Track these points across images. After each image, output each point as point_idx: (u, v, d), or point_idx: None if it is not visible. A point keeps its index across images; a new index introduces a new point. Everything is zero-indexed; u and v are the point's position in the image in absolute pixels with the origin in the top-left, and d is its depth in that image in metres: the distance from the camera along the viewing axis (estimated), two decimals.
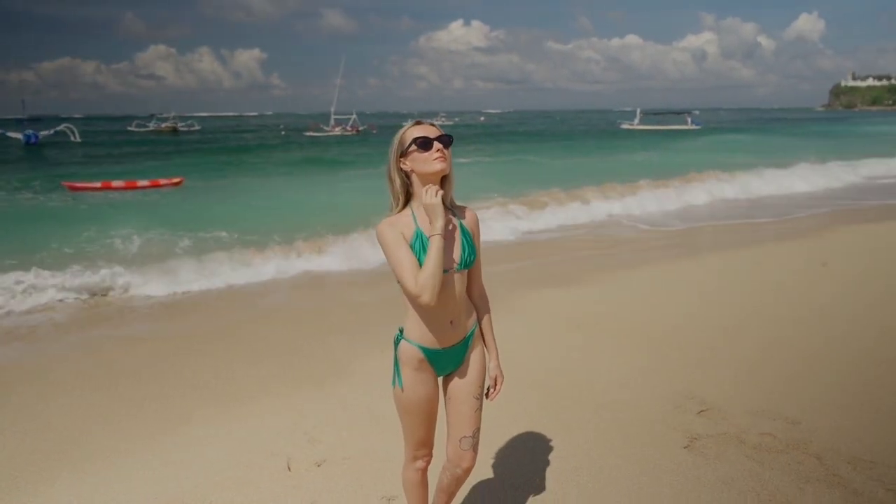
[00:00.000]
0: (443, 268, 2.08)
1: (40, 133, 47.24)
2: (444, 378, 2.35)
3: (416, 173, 2.14)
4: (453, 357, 2.28)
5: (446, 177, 2.17)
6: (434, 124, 2.19)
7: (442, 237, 2.07)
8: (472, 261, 2.23)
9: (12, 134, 46.87)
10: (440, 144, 2.11)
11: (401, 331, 2.25)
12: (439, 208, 2.08)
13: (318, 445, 3.61)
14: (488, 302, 2.41)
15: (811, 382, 4.25)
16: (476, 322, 2.34)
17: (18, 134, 46.26)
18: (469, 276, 2.30)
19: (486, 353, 2.41)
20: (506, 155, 30.10)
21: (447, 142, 2.14)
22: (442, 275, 2.07)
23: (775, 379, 4.32)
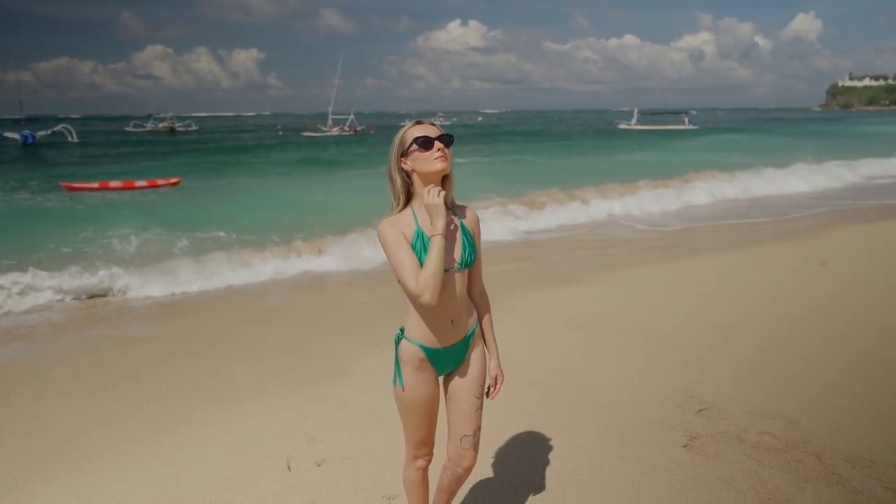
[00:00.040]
0: (444, 267, 2.09)
1: (37, 133, 47.12)
2: (445, 377, 2.36)
3: (417, 173, 2.14)
4: (454, 356, 2.28)
5: (447, 176, 2.18)
6: (434, 124, 2.20)
7: (443, 237, 2.08)
8: (473, 260, 2.24)
9: (9, 134, 46.71)
10: (441, 144, 2.12)
11: (402, 330, 2.25)
12: (441, 208, 2.08)
13: (318, 445, 3.60)
14: (489, 301, 2.41)
15: (810, 382, 4.26)
16: (476, 321, 2.35)
17: (15, 134, 46.12)
18: (470, 276, 2.30)
19: (487, 353, 2.41)
20: (503, 155, 30.11)
21: (448, 141, 2.14)
22: (443, 275, 2.08)
23: (774, 378, 4.33)
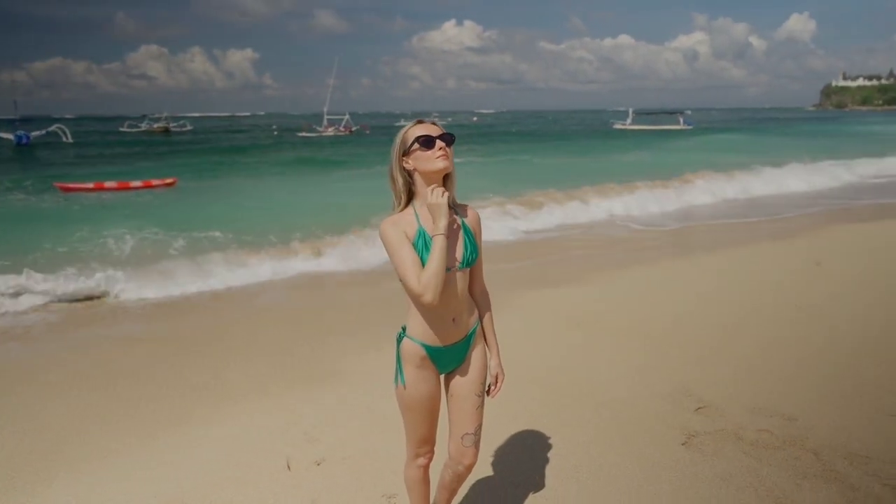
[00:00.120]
0: (445, 267, 2.09)
1: (32, 133, 46.93)
2: (446, 375, 2.36)
3: (419, 172, 2.15)
4: (455, 354, 2.29)
5: (448, 175, 2.18)
6: (436, 123, 2.20)
7: (445, 237, 2.08)
8: (475, 259, 2.24)
9: (3, 134, 46.48)
10: (443, 143, 2.12)
11: (403, 328, 2.26)
12: (444, 208, 2.09)
13: (318, 444, 3.61)
14: (489, 300, 2.42)
15: (808, 380, 4.28)
16: (478, 320, 2.35)
17: (10, 134, 45.91)
18: (471, 275, 2.31)
19: (488, 351, 2.42)
20: (499, 155, 30.13)
21: (449, 140, 2.15)
22: (444, 274, 2.08)
23: (772, 376, 4.34)
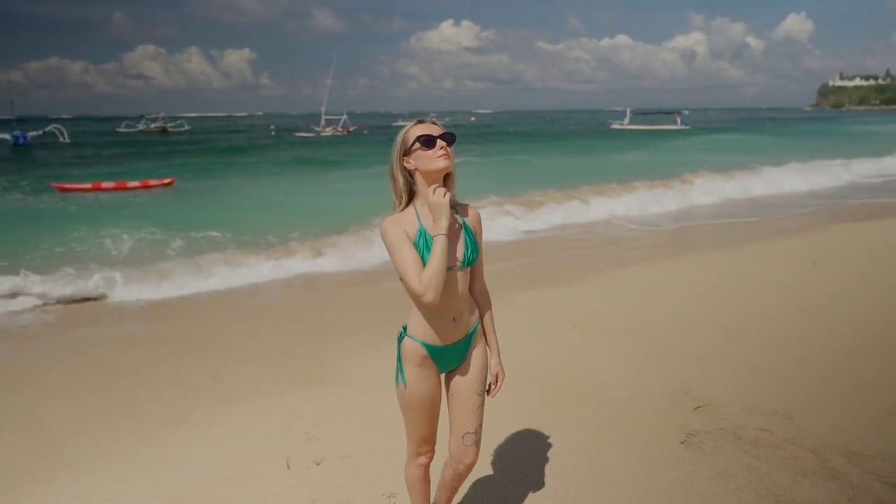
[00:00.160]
0: (446, 266, 2.10)
1: (29, 134, 46.83)
2: (447, 375, 2.37)
3: (420, 171, 2.15)
4: (456, 354, 2.29)
5: (449, 174, 2.19)
6: (436, 122, 2.21)
7: (446, 237, 2.09)
8: (475, 259, 2.25)
9: (0, 135, 46.41)
10: (443, 142, 2.13)
11: (404, 328, 2.26)
12: (446, 208, 2.09)
13: (317, 444, 3.61)
14: (490, 299, 2.42)
15: (807, 380, 4.29)
16: (478, 319, 2.36)
17: (6, 135, 45.82)
18: (471, 274, 2.31)
19: (488, 350, 2.42)
20: (497, 155, 30.09)
21: (450, 140, 2.15)
22: (445, 274, 2.09)
23: (772, 377, 4.35)
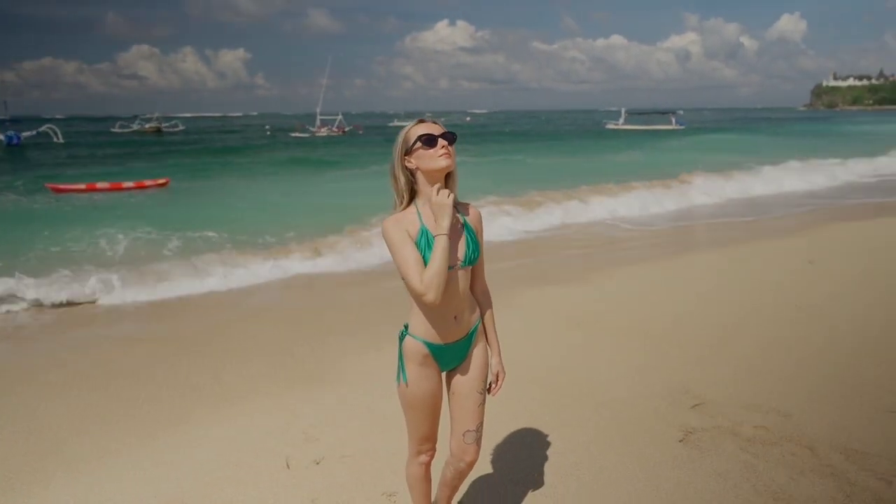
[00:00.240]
0: (448, 266, 2.10)
1: (22, 134, 46.57)
2: (448, 373, 2.38)
3: (421, 170, 2.16)
4: (457, 352, 2.30)
5: (450, 174, 2.20)
6: (437, 122, 2.21)
7: (447, 237, 2.09)
8: (476, 258, 2.26)
9: None
10: (445, 141, 2.14)
11: (406, 327, 2.27)
12: (449, 208, 2.10)
13: (317, 443, 3.61)
14: (491, 298, 2.43)
15: (806, 379, 4.30)
16: (479, 318, 2.37)
17: (0, 135, 45.60)
18: (472, 273, 2.32)
19: (489, 349, 2.43)
20: (493, 155, 30.09)
21: (451, 139, 2.16)
22: (447, 273, 2.09)
23: (772, 376, 4.36)
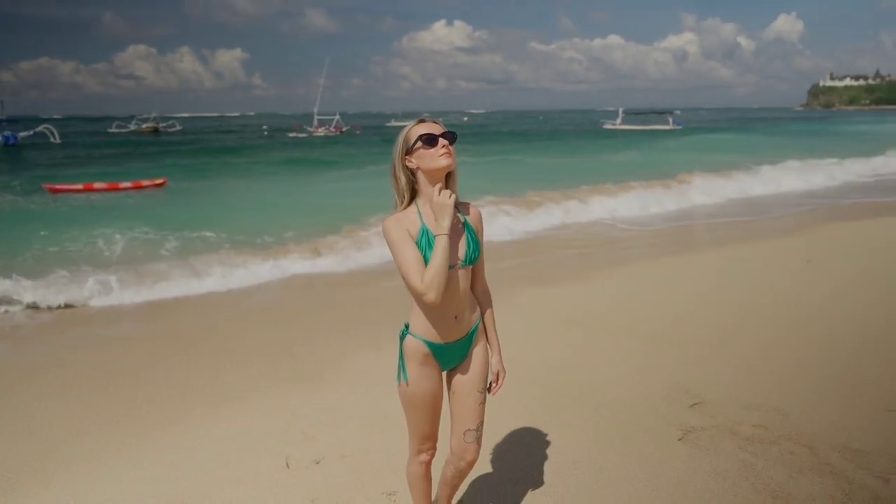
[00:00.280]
0: (448, 266, 2.11)
1: (19, 134, 46.45)
2: (448, 372, 2.38)
3: (422, 170, 2.16)
4: (458, 351, 2.30)
5: (451, 173, 2.20)
6: (437, 122, 2.22)
7: (448, 237, 2.10)
8: (477, 257, 2.26)
9: None
10: (445, 140, 2.14)
11: (406, 326, 2.28)
12: (450, 209, 2.10)
13: (316, 443, 3.61)
14: (491, 297, 2.44)
15: (802, 378, 4.32)
16: (479, 317, 2.37)
17: None
18: (473, 273, 2.33)
19: (489, 348, 2.44)
20: (491, 155, 30.09)
21: (452, 138, 2.17)
22: (447, 274, 2.10)
23: (772, 376, 4.37)
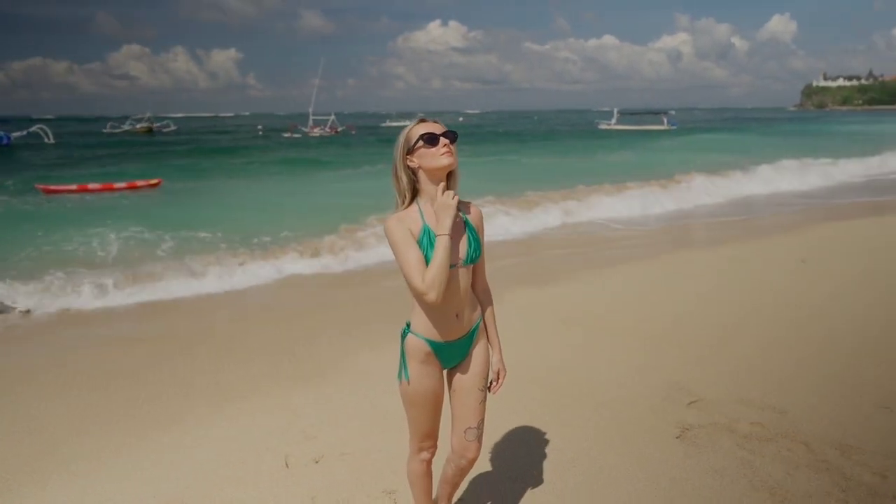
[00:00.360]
0: (449, 265, 2.11)
1: (12, 134, 46.18)
2: (449, 371, 2.39)
3: (423, 169, 2.17)
4: (458, 350, 2.31)
5: (452, 173, 2.21)
6: (438, 121, 2.22)
7: (449, 237, 2.11)
8: (478, 256, 2.27)
9: None
10: (446, 140, 2.15)
11: (408, 325, 2.28)
12: (452, 209, 2.11)
13: (315, 442, 3.62)
14: (491, 296, 2.45)
15: (800, 376, 4.35)
16: (480, 316, 2.38)
17: None
18: (473, 271, 2.34)
19: (490, 347, 2.45)
20: (487, 155, 30.09)
21: (453, 138, 2.17)
22: (448, 273, 2.11)
23: (767, 373, 4.40)
